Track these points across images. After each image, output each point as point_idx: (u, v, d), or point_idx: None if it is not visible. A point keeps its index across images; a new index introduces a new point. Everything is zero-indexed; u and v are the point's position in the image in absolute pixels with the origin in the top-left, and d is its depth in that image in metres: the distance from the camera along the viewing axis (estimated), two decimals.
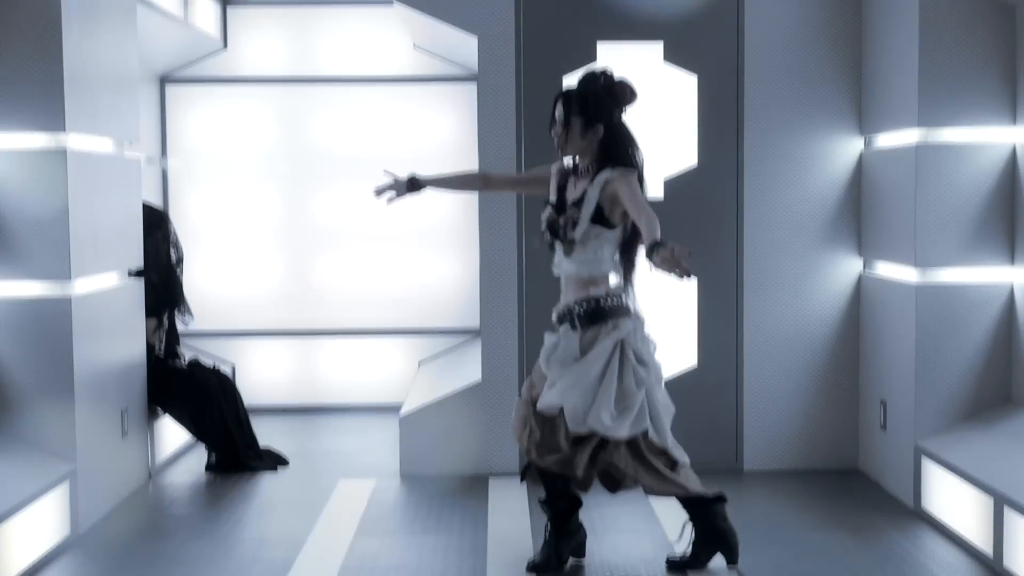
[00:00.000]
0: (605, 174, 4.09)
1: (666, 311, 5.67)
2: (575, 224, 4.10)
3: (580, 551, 4.34)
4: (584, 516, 4.32)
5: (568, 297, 4.18)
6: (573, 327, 4.12)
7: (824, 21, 5.59)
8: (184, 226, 7.06)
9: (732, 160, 5.64)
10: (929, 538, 4.66)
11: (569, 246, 4.12)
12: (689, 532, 4.24)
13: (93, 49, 4.91)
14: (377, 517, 5.01)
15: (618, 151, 4.13)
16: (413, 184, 4.38)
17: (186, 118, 7.37)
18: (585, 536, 4.35)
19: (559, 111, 4.16)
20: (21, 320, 4.64)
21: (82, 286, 4.77)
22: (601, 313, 4.09)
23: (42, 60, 4.55)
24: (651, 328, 4.27)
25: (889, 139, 5.30)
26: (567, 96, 4.18)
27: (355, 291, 7.47)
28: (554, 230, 4.17)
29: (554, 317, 4.23)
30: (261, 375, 7.48)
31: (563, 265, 4.18)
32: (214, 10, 7.11)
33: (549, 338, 4.23)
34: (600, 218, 4.09)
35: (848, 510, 5.06)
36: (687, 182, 5.64)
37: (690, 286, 5.63)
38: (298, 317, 7.50)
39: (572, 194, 4.19)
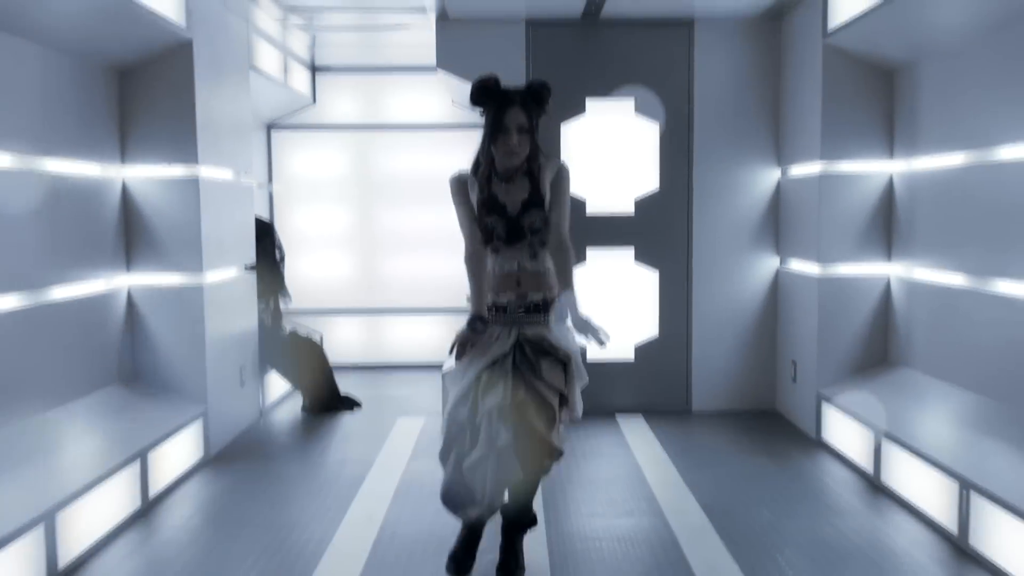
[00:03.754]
0: (555, 162, 3.11)
1: (635, 296, 5.68)
2: (546, 223, 3.06)
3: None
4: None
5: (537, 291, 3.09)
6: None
7: (753, 80, 5.54)
8: (285, 233, 7.07)
9: (685, 184, 5.61)
10: (827, 461, 4.64)
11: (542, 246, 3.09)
12: None
13: (218, 103, 4.92)
14: (426, 445, 5.01)
15: (537, 145, 3.09)
16: (476, 325, 3.07)
17: (286, 155, 7.37)
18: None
19: (518, 118, 2.99)
20: (167, 302, 4.68)
21: (211, 277, 4.80)
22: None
23: (180, 112, 4.57)
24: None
25: (799, 169, 5.26)
26: (525, 100, 3.01)
27: (410, 280, 7.47)
28: (526, 231, 3.07)
29: (521, 310, 3.07)
30: (342, 341, 7.50)
31: (528, 263, 3.09)
32: (306, 75, 7.11)
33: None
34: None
35: (768, 441, 5.05)
36: (651, 201, 5.62)
37: (653, 277, 5.62)
38: (368, 298, 7.51)
39: (512, 196, 3.07)
